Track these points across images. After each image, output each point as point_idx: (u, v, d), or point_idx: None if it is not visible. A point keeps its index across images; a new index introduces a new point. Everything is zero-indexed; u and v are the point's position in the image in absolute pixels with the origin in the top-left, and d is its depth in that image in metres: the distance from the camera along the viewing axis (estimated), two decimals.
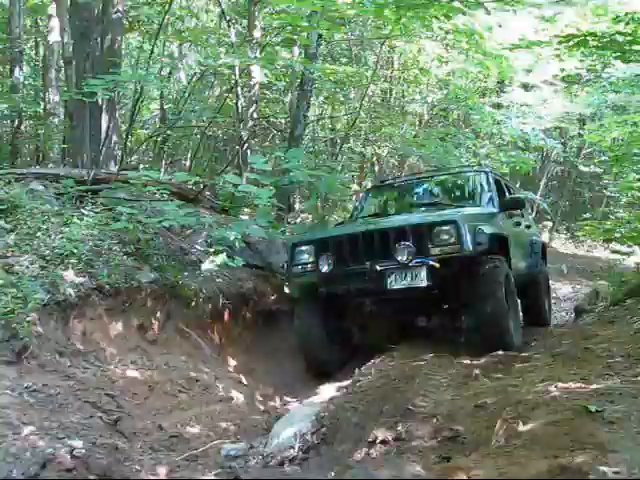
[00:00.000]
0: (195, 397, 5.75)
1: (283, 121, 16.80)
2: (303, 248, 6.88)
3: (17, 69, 14.95)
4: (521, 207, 7.97)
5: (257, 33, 11.89)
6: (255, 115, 11.88)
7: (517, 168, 15.04)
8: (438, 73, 16.26)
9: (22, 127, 15.70)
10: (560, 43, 8.69)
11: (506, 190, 8.37)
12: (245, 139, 11.16)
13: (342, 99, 17.08)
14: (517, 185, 16.66)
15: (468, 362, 5.66)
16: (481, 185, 7.81)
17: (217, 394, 5.94)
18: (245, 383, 6.59)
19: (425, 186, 8.43)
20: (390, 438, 4.14)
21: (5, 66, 17.25)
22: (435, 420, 4.23)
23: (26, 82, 16.38)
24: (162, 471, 3.96)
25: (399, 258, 6.09)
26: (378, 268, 6.20)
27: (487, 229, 6.24)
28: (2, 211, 6.08)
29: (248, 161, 10.13)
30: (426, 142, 13.77)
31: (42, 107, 14.99)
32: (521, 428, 3.54)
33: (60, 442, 3.76)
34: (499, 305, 6.08)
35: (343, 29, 12.26)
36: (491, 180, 7.85)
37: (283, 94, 17.12)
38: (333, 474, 4.18)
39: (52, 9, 13.67)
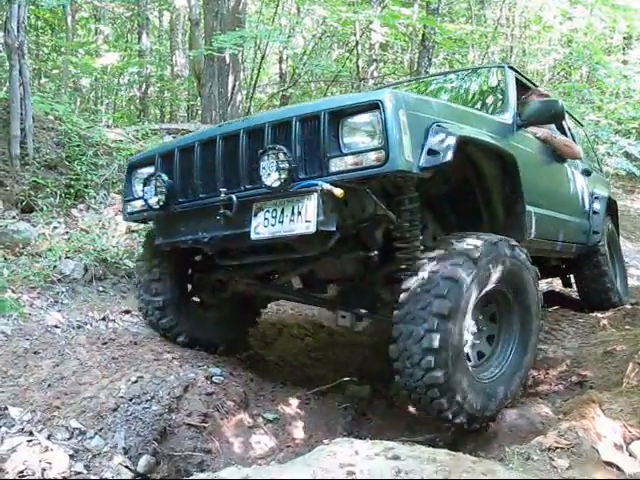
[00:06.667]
0: (320, 341, 5.96)
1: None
2: (144, 171, 4.15)
3: (144, 36, 15.62)
4: (555, 119, 4.85)
5: None
6: (375, 74, 11.91)
7: None
8: (561, 29, 15.71)
9: (149, 90, 16.44)
10: None
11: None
12: None
13: (461, 59, 16.82)
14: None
15: (594, 314, 5.57)
16: (492, 88, 5.18)
17: (341, 339, 6.11)
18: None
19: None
20: None
21: (133, 34, 18.02)
22: (563, 366, 4.23)
23: (153, 47, 17.07)
24: (294, 402, 4.16)
25: (265, 179, 3.23)
26: (235, 199, 3.40)
27: (455, 128, 3.36)
28: None
29: None
30: None
31: (169, 70, 15.58)
32: None
33: (200, 369, 4.01)
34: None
35: None
36: (509, 80, 4.93)
37: (402, 53, 17.00)
38: None
39: None
